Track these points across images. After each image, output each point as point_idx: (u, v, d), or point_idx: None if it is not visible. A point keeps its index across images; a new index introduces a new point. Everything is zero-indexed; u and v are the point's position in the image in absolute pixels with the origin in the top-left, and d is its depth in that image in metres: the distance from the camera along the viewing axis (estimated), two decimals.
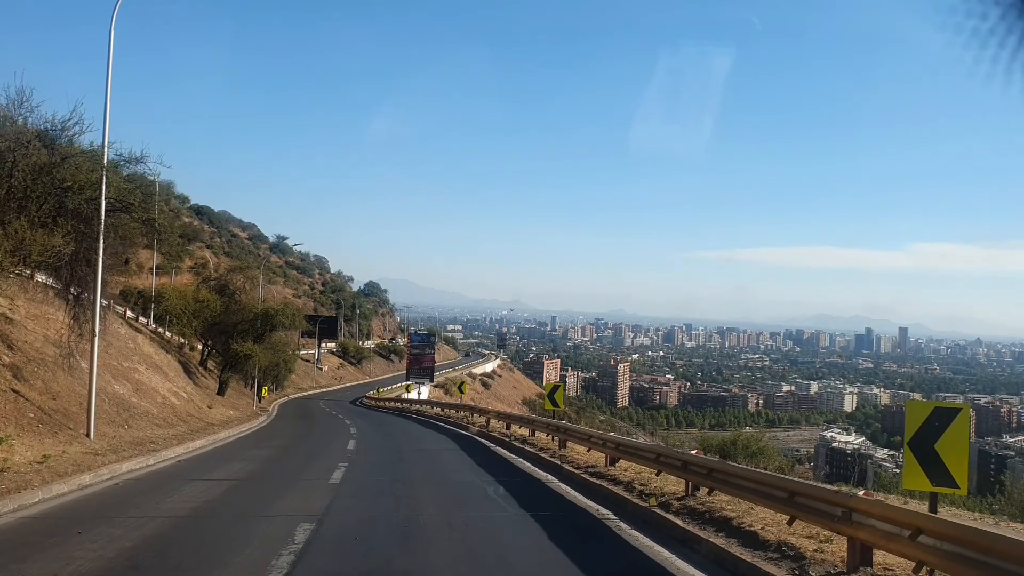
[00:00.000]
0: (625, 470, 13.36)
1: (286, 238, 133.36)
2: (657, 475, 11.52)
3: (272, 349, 48.26)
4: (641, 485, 11.66)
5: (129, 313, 40.64)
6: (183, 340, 45.66)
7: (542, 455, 17.15)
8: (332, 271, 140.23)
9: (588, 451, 15.28)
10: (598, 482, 12.68)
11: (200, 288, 39.42)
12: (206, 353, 42.48)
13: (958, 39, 2.40)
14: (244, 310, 38.21)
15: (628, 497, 11.07)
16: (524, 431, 22.04)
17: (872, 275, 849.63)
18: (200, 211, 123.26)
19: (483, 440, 23.25)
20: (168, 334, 42.05)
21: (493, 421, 26.28)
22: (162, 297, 36.55)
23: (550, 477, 14.31)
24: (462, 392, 37.89)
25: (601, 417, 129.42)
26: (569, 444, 17.14)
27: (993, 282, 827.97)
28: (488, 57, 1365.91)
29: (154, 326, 41.79)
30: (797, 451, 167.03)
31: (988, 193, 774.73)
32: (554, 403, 20.25)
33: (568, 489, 12.82)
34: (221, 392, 38.20)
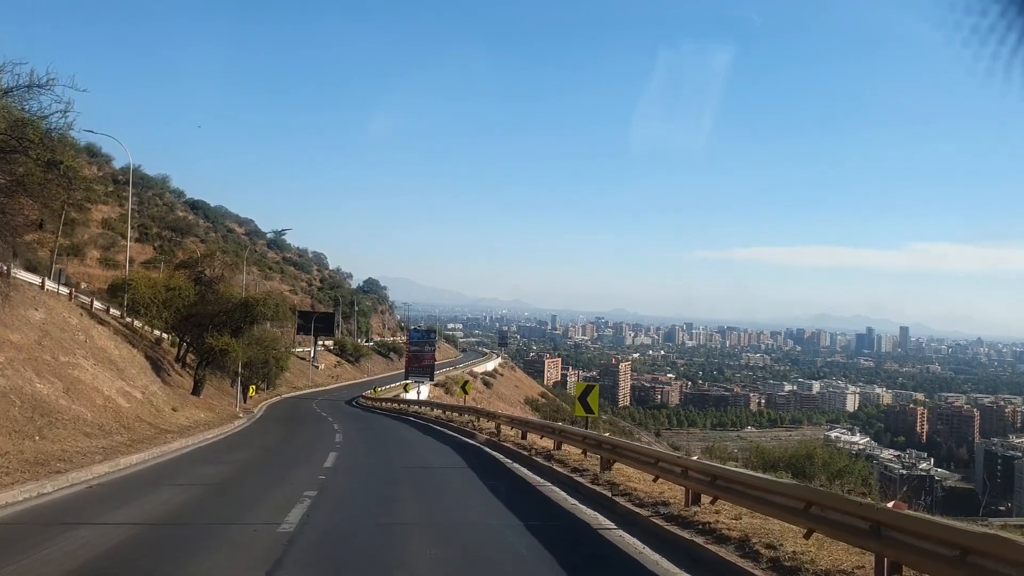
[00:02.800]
0: (717, 512, 8.85)
1: (283, 233, 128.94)
2: (807, 536, 6.95)
3: (257, 344, 43.77)
4: (768, 547, 7.12)
5: (98, 304, 36.05)
6: (163, 335, 41.10)
7: (579, 480, 12.62)
8: (331, 268, 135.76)
9: (655, 480, 10.68)
10: (686, 536, 8.11)
11: (174, 275, 34.70)
12: (184, 349, 37.89)
13: (957, 36, 2.32)
14: (221, 300, 33.52)
15: (756, 574, 6.55)
16: (547, 443, 17.47)
17: (872, 274, 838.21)
18: (195, 205, 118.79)
19: (494, 452, 18.70)
20: (144, 327, 37.41)
21: (505, 428, 21.71)
22: (129, 285, 31.83)
23: (603, 520, 9.76)
24: (466, 392, 33.22)
25: (604, 416, 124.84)
26: (616, 465, 12.60)
27: (993, 282, 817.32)
28: (487, 56, 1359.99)
29: (129, 319, 37.05)
30: None
31: (988, 193, 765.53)
32: (587, 409, 15.70)
33: (637, 545, 8.24)
34: (196, 392, 33.63)
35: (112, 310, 37.16)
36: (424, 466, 16.37)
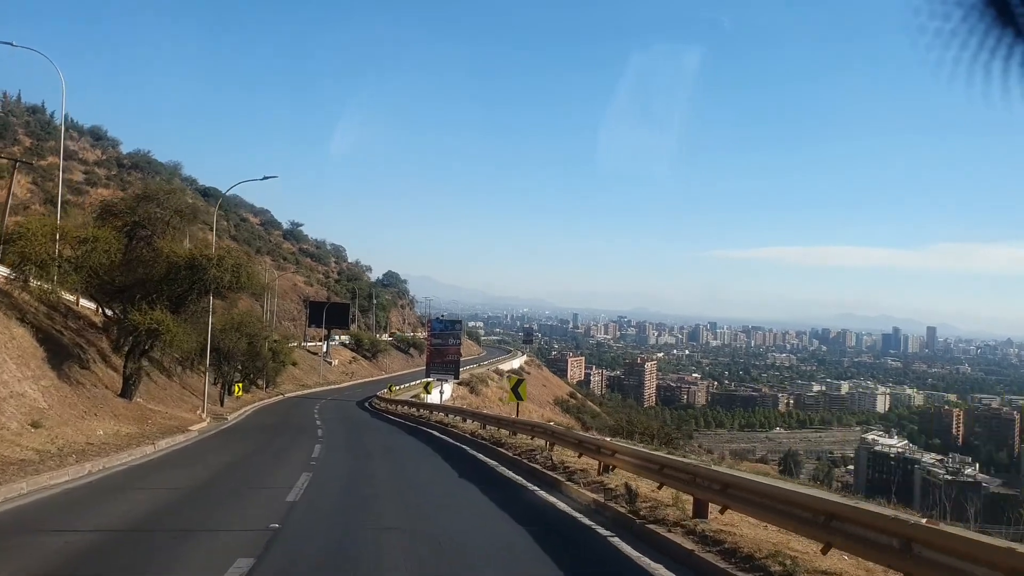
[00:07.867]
0: None
1: (300, 224, 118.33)
2: None
3: (236, 330, 32.52)
4: None
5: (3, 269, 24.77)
6: (114, 312, 29.71)
7: None
8: (349, 260, 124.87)
9: None
10: None
11: (95, 224, 23.20)
12: (124, 336, 26.43)
13: (921, 39, 2.15)
14: (159, 259, 21.96)
15: None
16: (811, 546, 5.71)
17: (897, 274, 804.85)
18: (207, 193, 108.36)
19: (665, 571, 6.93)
20: (62, 300, 25.95)
21: (630, 474, 9.81)
22: (19, 236, 20.51)
23: None
24: (520, 398, 20.55)
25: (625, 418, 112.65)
26: None
27: (1020, 282, 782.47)
28: (493, 56, 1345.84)
29: (50, 287, 25.45)
30: (831, 453, 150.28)
31: (1012, 192, 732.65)
32: None
33: None
34: (125, 393, 22.22)
35: (33, 281, 25.79)
36: None
